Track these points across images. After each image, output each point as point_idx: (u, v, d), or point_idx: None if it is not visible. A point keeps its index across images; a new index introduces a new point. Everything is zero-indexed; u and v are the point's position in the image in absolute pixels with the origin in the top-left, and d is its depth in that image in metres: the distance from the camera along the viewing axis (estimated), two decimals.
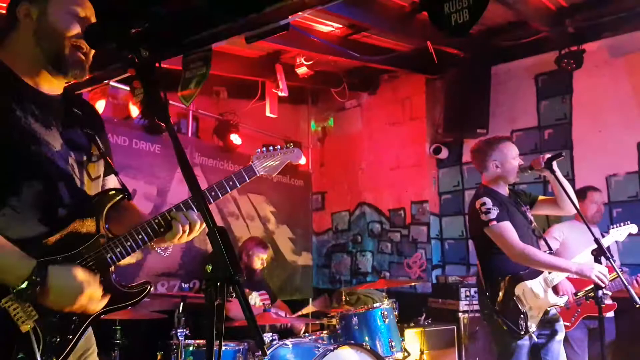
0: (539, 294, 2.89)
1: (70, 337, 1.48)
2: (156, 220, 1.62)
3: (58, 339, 1.45)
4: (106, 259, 1.55)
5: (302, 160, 2.09)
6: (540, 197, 3.19)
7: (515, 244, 2.82)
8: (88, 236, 1.54)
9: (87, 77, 1.65)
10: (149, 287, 1.65)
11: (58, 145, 1.55)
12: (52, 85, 1.63)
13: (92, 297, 1.46)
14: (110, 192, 1.66)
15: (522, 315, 2.79)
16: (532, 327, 2.81)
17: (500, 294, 2.86)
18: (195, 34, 3.99)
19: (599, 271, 2.69)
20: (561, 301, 3.02)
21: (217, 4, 3.51)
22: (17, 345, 1.39)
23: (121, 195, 1.65)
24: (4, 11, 1.69)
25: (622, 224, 3.63)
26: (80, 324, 1.50)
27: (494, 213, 2.88)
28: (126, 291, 1.61)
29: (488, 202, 2.93)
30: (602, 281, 2.68)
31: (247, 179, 1.86)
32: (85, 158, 1.64)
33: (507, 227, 2.86)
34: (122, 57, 1.48)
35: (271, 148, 2.00)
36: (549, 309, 2.94)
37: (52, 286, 1.39)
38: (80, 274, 1.45)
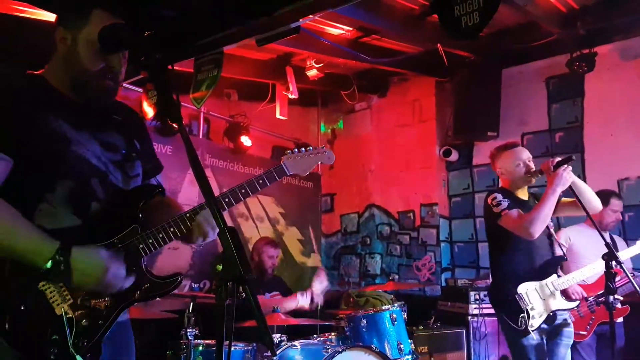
0: (544, 296, 2.93)
1: (102, 322, 1.55)
2: (187, 215, 1.70)
3: (90, 323, 1.52)
4: (139, 249, 1.62)
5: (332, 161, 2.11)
6: (563, 200, 3.18)
7: (521, 220, 2.89)
8: (122, 228, 1.62)
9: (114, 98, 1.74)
10: (179, 278, 1.70)
11: (92, 145, 1.64)
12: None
13: (117, 275, 1.52)
14: (146, 188, 1.78)
15: (522, 314, 2.83)
16: (533, 326, 2.85)
17: (505, 291, 2.94)
18: (207, 36, 4.04)
19: (567, 172, 2.86)
20: (570, 306, 3.02)
21: (229, 7, 3.54)
22: (51, 328, 1.46)
23: (156, 192, 1.77)
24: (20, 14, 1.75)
25: (626, 246, 3.60)
26: (112, 310, 1.57)
27: (505, 204, 2.98)
28: (158, 281, 1.67)
29: (499, 196, 3.05)
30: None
31: (277, 177, 1.90)
32: (121, 158, 1.72)
33: (515, 212, 2.95)
34: (135, 59, 1.51)
35: (303, 149, 2.04)
36: (556, 312, 2.95)
37: (75, 265, 1.46)
38: (102, 253, 1.52)
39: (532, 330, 2.85)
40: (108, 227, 1.60)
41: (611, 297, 2.60)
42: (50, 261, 1.43)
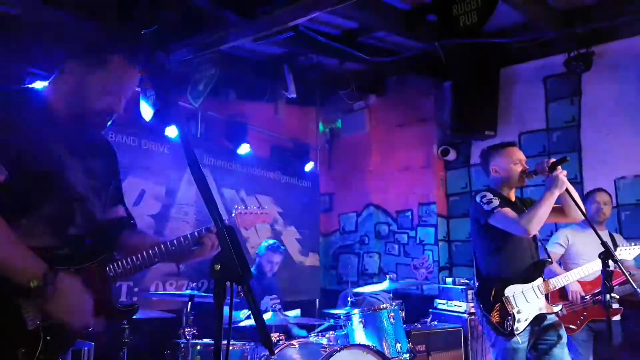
0: (530, 299, 2.93)
1: (67, 340, 1.63)
2: (152, 251, 1.79)
3: (56, 340, 1.56)
4: (108, 278, 1.72)
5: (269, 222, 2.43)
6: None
7: (517, 219, 2.88)
8: (95, 255, 1.70)
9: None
10: (136, 308, 1.88)
11: (78, 171, 1.70)
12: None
13: (87, 311, 1.59)
14: (120, 219, 1.87)
15: (509, 317, 2.84)
16: (518, 329, 2.85)
17: (491, 294, 2.92)
18: (205, 35, 4.04)
19: (563, 175, 2.83)
20: (555, 309, 3.02)
21: (227, 5, 3.55)
22: (20, 341, 1.50)
23: (129, 223, 1.89)
24: None
25: (632, 243, 3.59)
26: (77, 330, 1.63)
27: (496, 202, 2.95)
28: (119, 309, 1.80)
29: (488, 194, 3.02)
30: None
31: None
32: (100, 186, 1.79)
33: (509, 210, 2.93)
34: (133, 57, 1.51)
35: (249, 207, 2.36)
36: (545, 315, 2.95)
37: (58, 290, 1.49)
38: (82, 286, 1.58)
39: (518, 334, 2.85)
40: (81, 252, 1.67)
41: (608, 296, 2.61)
42: (37, 280, 1.46)
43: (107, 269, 1.70)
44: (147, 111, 4.66)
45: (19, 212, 1.55)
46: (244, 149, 5.43)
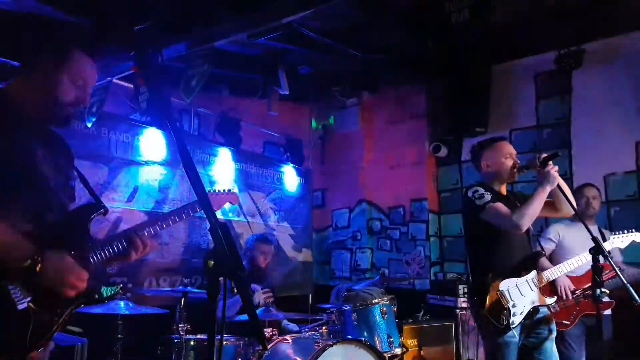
0: (524, 292, 2.94)
1: (56, 318, 1.69)
2: (130, 233, 1.91)
3: (46, 319, 1.66)
4: (88, 258, 1.80)
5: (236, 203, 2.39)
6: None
7: (509, 214, 2.89)
8: (75, 239, 1.79)
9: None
10: (119, 288, 2.01)
11: (49, 165, 1.81)
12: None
13: (80, 277, 1.68)
14: (92, 205, 1.94)
15: (504, 311, 2.85)
16: (514, 323, 2.87)
17: (485, 288, 2.91)
18: (198, 31, 4.03)
19: (555, 170, 2.85)
20: (548, 302, 3.05)
21: (221, 1, 3.54)
22: (12, 322, 1.57)
23: (101, 209, 1.95)
24: None
25: (625, 231, 3.61)
26: (64, 309, 1.72)
27: (488, 196, 2.96)
28: (99, 290, 1.85)
29: (480, 188, 3.02)
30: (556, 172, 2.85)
31: (190, 213, 2.16)
32: (65, 179, 1.90)
33: (501, 205, 2.94)
34: (125, 54, 1.53)
35: (212, 189, 2.50)
36: (539, 308, 2.98)
37: (49, 265, 1.60)
38: (69, 259, 1.68)
39: (513, 328, 2.86)
40: (58, 239, 1.73)
41: (598, 290, 2.64)
42: (29, 259, 1.56)
43: (87, 251, 1.80)
44: (141, 107, 4.65)
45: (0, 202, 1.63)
46: (236, 145, 5.43)
